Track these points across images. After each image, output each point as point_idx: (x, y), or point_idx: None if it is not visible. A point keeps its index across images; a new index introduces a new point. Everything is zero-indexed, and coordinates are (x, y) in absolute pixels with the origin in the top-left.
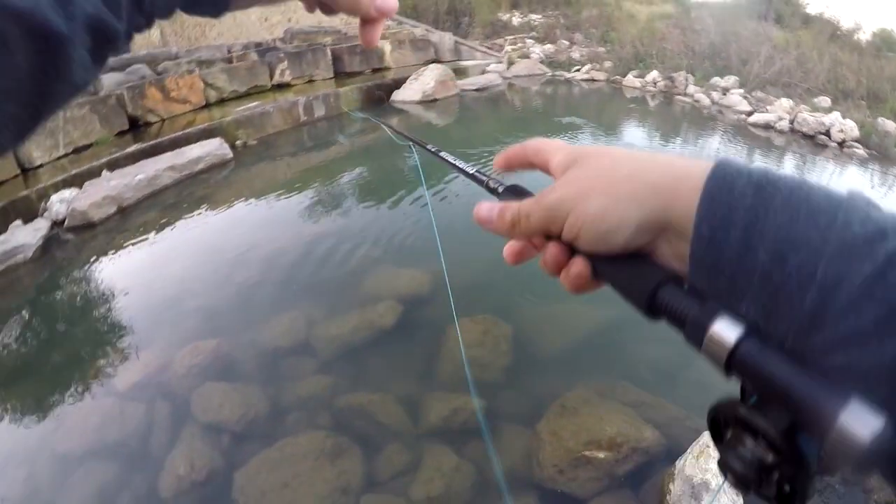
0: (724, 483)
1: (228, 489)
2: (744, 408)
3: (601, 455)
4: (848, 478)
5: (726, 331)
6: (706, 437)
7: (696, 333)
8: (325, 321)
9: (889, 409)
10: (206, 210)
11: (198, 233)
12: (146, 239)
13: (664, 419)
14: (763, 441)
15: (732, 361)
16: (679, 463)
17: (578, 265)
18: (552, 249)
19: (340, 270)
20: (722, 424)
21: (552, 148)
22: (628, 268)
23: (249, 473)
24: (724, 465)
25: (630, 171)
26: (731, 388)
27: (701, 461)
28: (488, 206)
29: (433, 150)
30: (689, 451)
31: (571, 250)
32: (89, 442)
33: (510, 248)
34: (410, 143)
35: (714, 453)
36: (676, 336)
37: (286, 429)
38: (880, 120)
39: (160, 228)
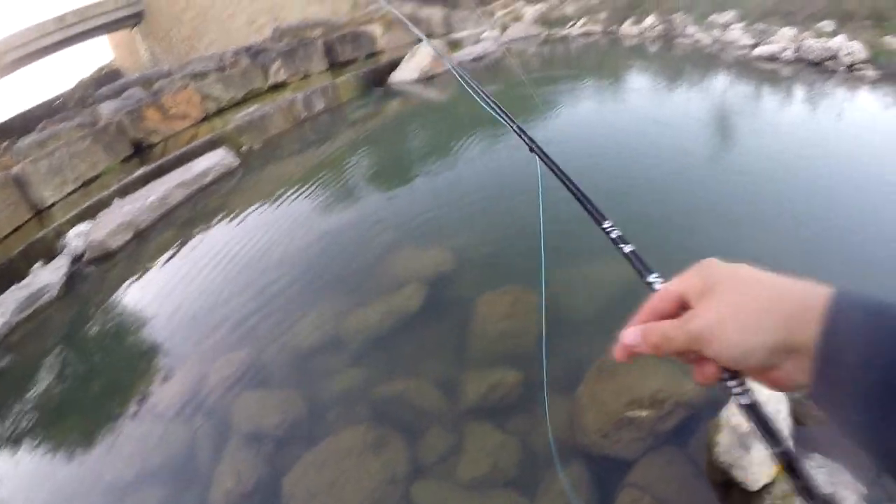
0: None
1: (278, 495)
2: None
3: (643, 414)
4: None
5: None
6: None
7: None
8: (352, 313)
9: None
10: (220, 220)
11: (215, 244)
12: (166, 259)
13: None
14: None
15: None
16: (724, 413)
17: (712, 371)
18: (711, 369)
19: (361, 259)
20: None
21: (679, 282)
22: None
23: (296, 477)
24: None
25: (760, 304)
26: None
27: None
28: (633, 333)
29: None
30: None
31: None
32: (137, 467)
33: (624, 351)
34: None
35: (762, 397)
36: None
37: (327, 427)
38: (887, 38)
39: (179, 246)
